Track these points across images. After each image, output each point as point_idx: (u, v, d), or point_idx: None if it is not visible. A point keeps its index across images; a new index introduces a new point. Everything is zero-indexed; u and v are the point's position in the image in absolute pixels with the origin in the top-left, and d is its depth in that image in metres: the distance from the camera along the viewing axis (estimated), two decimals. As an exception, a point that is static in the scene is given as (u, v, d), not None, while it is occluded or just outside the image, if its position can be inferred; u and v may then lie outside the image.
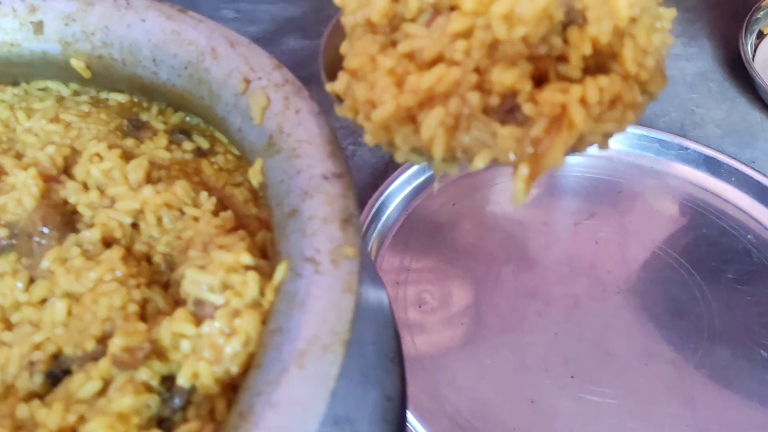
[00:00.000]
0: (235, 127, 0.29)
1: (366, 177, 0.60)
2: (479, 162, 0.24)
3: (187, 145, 0.33)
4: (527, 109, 0.24)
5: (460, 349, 0.48)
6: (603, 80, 0.25)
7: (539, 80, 0.26)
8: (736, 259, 0.54)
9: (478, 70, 0.25)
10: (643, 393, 0.46)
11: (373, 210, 0.54)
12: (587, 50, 0.25)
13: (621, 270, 0.53)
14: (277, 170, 0.27)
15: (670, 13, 0.27)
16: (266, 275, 0.25)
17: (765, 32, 0.75)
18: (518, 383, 0.46)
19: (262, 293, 0.24)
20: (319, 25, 0.38)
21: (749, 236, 0.56)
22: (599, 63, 0.27)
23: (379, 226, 0.55)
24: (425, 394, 0.46)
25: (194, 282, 0.25)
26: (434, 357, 0.48)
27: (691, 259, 0.54)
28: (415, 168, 0.57)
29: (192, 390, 0.23)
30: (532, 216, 0.57)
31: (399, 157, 0.26)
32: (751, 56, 0.71)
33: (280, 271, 0.23)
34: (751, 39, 0.73)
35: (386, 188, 0.56)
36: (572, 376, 0.47)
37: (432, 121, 0.24)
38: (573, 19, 0.25)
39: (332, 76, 0.32)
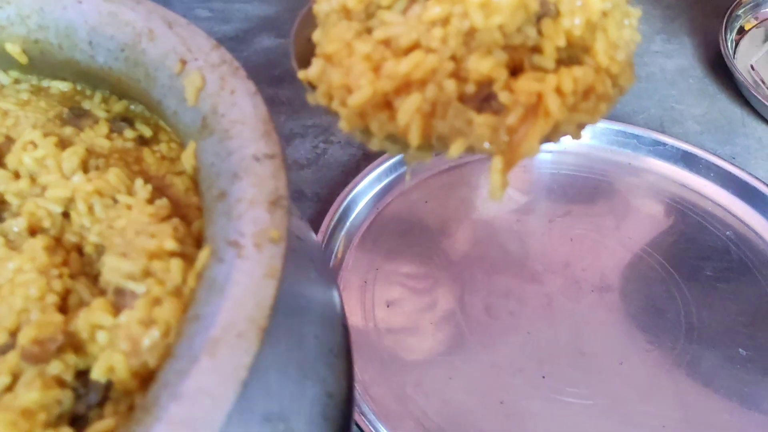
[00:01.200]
0: (171, 111, 0.28)
1: (337, 175, 0.58)
2: (455, 150, 0.24)
3: (129, 134, 0.32)
4: (503, 97, 0.24)
5: (429, 349, 0.47)
6: (577, 71, 0.25)
7: (514, 71, 0.26)
8: (715, 256, 0.53)
9: (454, 58, 0.25)
10: (617, 393, 0.45)
11: (341, 208, 0.53)
12: (561, 42, 0.25)
13: (596, 268, 0.52)
14: (210, 153, 0.25)
15: (637, 11, 0.27)
16: (193, 262, 0.23)
17: (746, 28, 0.74)
18: (488, 384, 0.45)
19: (185, 281, 0.22)
20: (293, 24, 0.36)
21: (728, 233, 0.54)
22: (571, 56, 0.27)
23: (348, 224, 0.53)
24: (391, 395, 0.44)
25: (114, 270, 0.23)
26: (402, 358, 0.46)
27: (669, 256, 0.53)
28: (385, 165, 0.56)
29: (109, 385, 0.22)
30: (506, 214, 0.55)
31: (373, 146, 0.26)
32: (731, 52, 0.70)
33: (202, 257, 0.22)
34: (732, 35, 0.72)
35: (355, 186, 0.54)
36: (544, 377, 0.45)
37: (409, 107, 0.24)
38: (547, 12, 0.25)
39: (303, 66, 0.32)
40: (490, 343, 0.47)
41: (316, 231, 0.51)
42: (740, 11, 0.74)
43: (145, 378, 0.21)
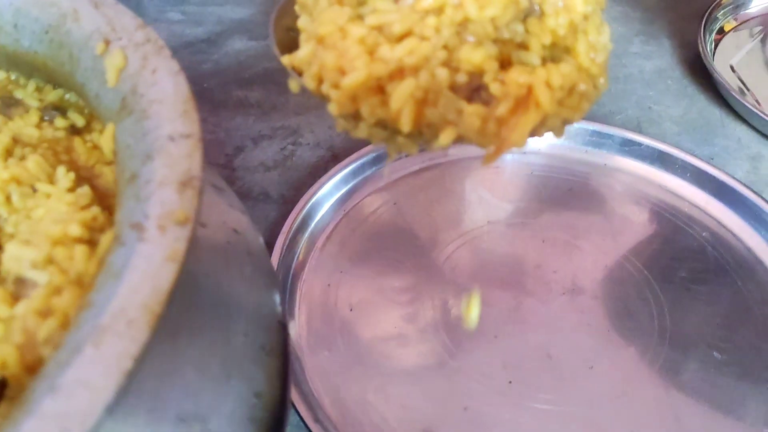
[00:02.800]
0: (93, 93, 0.26)
1: (304, 177, 0.57)
2: (444, 138, 0.25)
3: (60, 123, 0.30)
4: (494, 88, 0.25)
5: (391, 353, 0.45)
6: (564, 67, 0.26)
7: (502, 65, 0.26)
8: (690, 258, 0.51)
9: (446, 48, 0.25)
10: (586, 398, 0.43)
11: (305, 209, 0.51)
12: (547, 40, 0.26)
13: (567, 270, 0.50)
14: (127, 134, 0.24)
15: (607, 25, 0.28)
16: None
17: (726, 29, 0.73)
18: (452, 390, 0.43)
19: (88, 268, 0.21)
20: (267, 26, 0.35)
21: (704, 234, 0.53)
22: (554, 56, 0.27)
23: (312, 226, 0.52)
24: (351, 401, 0.42)
25: (15, 258, 0.21)
26: (364, 362, 0.44)
27: (643, 257, 0.51)
28: (352, 167, 0.54)
29: (4, 382, 0.20)
30: (477, 216, 0.54)
31: (360, 132, 0.26)
32: (711, 54, 0.69)
33: (104, 241, 0.20)
34: (711, 37, 0.71)
35: (320, 187, 0.52)
36: (511, 381, 0.44)
37: (402, 92, 0.24)
38: (532, 11, 0.26)
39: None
40: (455, 347, 0.45)
41: (279, 232, 0.49)
42: (720, 12, 0.73)
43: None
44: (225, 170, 0.57)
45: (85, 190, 0.26)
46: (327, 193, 0.53)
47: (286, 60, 0.30)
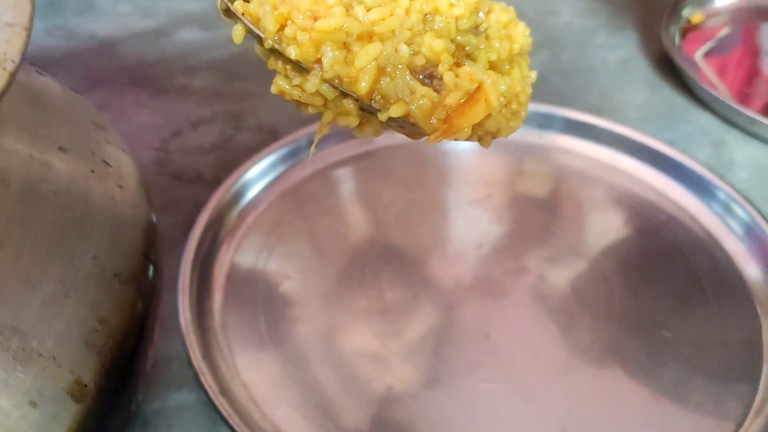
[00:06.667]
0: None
1: (242, 160, 0.54)
2: (394, 110, 0.26)
3: None
4: (448, 77, 0.26)
5: (318, 334, 0.42)
6: (506, 79, 0.27)
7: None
8: (644, 239, 0.48)
9: (411, 31, 0.26)
10: (524, 377, 0.40)
11: (236, 186, 0.48)
12: (493, 56, 0.28)
13: (514, 250, 0.47)
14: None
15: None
16: None
17: (693, 22, 0.71)
18: (378, 370, 0.40)
19: None
20: (218, 18, 0.32)
21: (661, 216, 0.50)
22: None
23: (244, 202, 0.49)
24: (268, 381, 0.39)
25: None
26: (287, 342, 0.41)
27: (593, 239, 0.48)
28: (287, 149, 0.52)
29: None
30: (422, 196, 0.51)
31: (310, 85, 0.26)
32: (676, 45, 0.67)
33: None
34: (677, 28, 0.69)
35: (252, 165, 0.50)
36: (443, 360, 0.40)
37: (369, 53, 0.25)
38: (479, 33, 0.28)
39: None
40: (386, 327, 0.42)
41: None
42: (686, 5, 0.71)
43: None
44: (158, 152, 0.55)
45: None
46: (261, 173, 0.50)
47: (238, 4, 0.28)
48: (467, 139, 0.27)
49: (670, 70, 0.65)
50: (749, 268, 0.46)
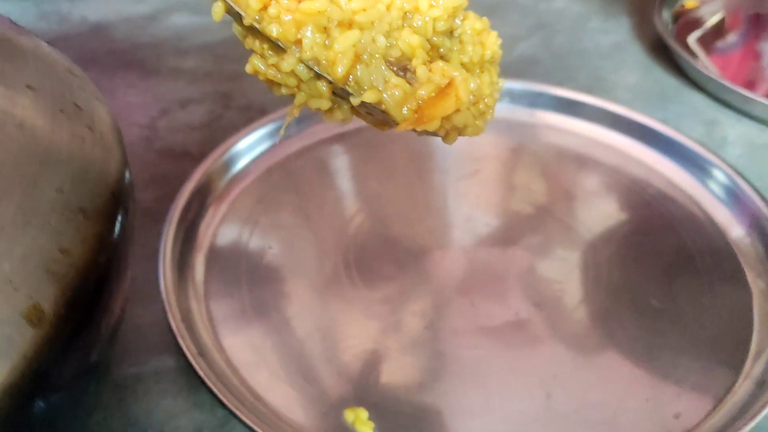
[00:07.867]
0: None
1: (230, 138, 0.53)
2: (367, 96, 0.26)
3: None
4: (421, 70, 0.27)
5: (301, 302, 0.41)
6: (476, 79, 0.28)
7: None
8: (634, 213, 0.48)
9: (389, 25, 0.27)
10: (508, 344, 0.39)
11: (222, 160, 0.48)
12: (466, 58, 0.29)
13: (501, 223, 0.47)
14: None
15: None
16: None
17: (687, 6, 0.71)
18: (361, 336, 0.39)
19: None
20: (209, 3, 0.32)
21: (650, 190, 0.49)
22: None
23: (232, 173, 0.49)
24: (248, 347, 0.39)
25: None
26: (269, 310, 0.41)
27: (582, 214, 0.48)
28: (279, 122, 0.51)
29: None
30: (410, 173, 0.51)
31: (286, 64, 0.26)
32: (670, 29, 0.66)
33: None
34: (671, 12, 0.69)
35: (243, 135, 0.50)
36: (426, 327, 0.40)
37: (349, 39, 0.26)
38: (454, 37, 0.29)
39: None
40: (368, 293, 0.42)
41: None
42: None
43: None
44: (146, 130, 0.54)
45: None
46: (250, 146, 0.50)
47: None
48: (434, 132, 0.28)
49: (663, 54, 0.65)
50: (737, 235, 0.45)
